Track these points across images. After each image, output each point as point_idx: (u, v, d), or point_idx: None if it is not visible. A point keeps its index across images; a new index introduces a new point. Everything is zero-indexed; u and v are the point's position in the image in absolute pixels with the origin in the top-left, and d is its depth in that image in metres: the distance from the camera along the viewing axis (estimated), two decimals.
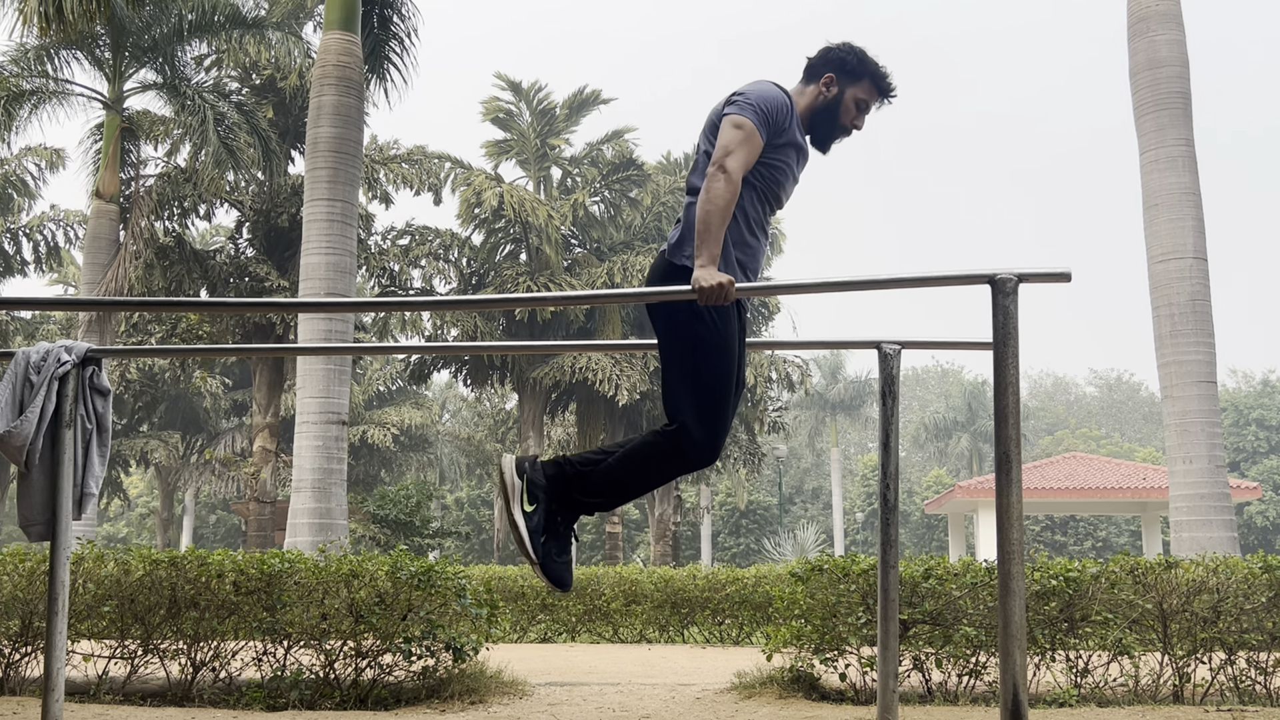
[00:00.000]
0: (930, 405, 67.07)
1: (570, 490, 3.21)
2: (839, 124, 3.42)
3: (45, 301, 3.76)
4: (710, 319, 3.18)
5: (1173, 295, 12.43)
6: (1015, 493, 2.88)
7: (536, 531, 3.16)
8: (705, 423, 3.16)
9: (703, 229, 3.10)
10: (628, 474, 3.20)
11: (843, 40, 3.46)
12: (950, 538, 30.88)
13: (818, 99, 3.41)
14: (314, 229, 13.08)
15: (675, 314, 3.20)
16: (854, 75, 3.39)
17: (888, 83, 3.42)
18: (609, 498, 3.23)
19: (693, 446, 3.16)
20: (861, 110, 3.43)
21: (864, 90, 3.40)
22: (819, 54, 3.45)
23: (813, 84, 3.43)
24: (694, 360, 3.18)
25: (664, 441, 3.18)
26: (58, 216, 26.58)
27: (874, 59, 3.41)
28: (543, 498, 3.19)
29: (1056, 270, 3.01)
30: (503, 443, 41.14)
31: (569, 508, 3.23)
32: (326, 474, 12.55)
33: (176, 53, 19.44)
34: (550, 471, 3.22)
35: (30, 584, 5.39)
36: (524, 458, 3.26)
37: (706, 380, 3.17)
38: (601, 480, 3.21)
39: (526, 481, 3.19)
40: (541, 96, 28.10)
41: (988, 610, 5.20)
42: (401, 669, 5.20)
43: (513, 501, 3.16)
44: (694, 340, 3.18)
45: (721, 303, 3.04)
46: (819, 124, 3.43)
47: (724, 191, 3.11)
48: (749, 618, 10.80)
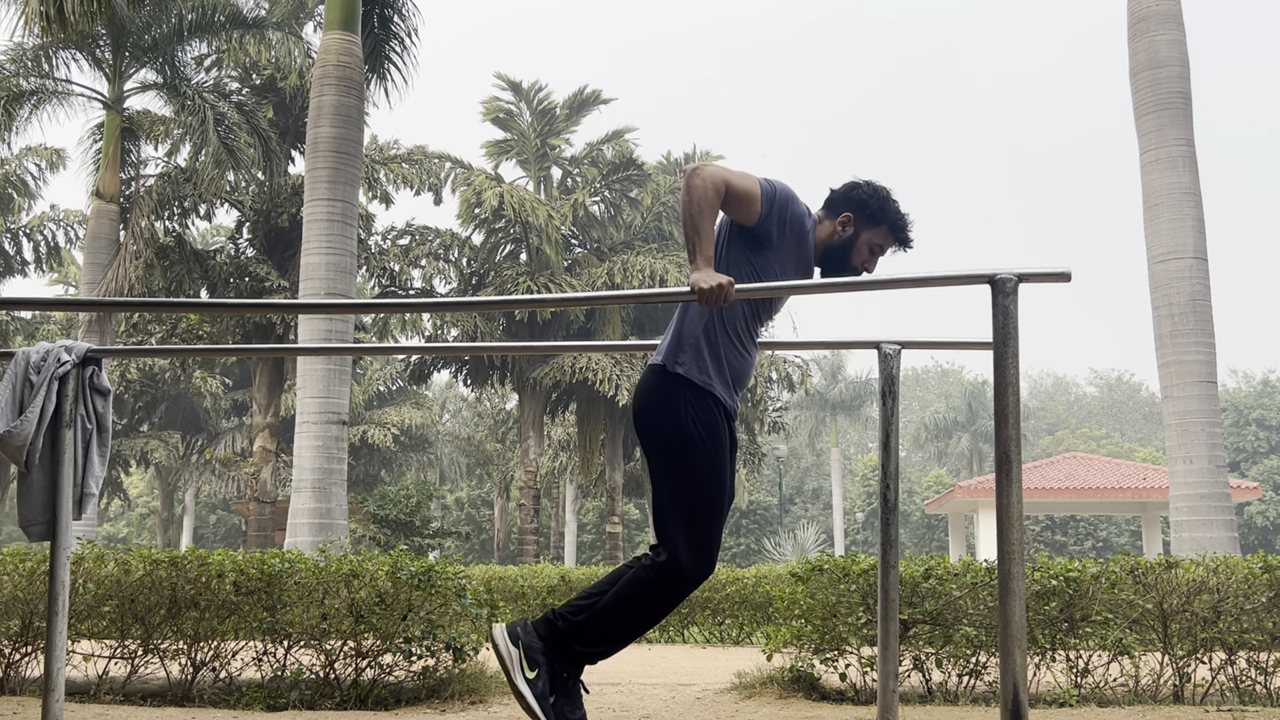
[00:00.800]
0: (930, 405, 67.07)
1: (570, 645, 3.11)
2: (849, 264, 3.37)
3: (45, 301, 3.75)
4: (702, 440, 3.11)
5: (1173, 295, 12.43)
6: (1015, 493, 2.88)
7: (544, 697, 3.05)
8: (697, 549, 3.08)
9: (691, 231, 3.05)
10: (625, 615, 3.10)
11: (869, 180, 3.40)
12: (950, 538, 30.88)
13: (833, 236, 3.36)
14: (314, 229, 13.08)
15: (667, 439, 3.13)
16: (873, 220, 3.34)
17: (906, 234, 3.38)
18: (612, 643, 3.13)
19: (686, 575, 3.08)
20: (874, 254, 3.38)
21: (879, 236, 3.36)
22: (842, 190, 3.39)
23: (830, 219, 3.38)
24: (687, 487, 3.10)
25: (654, 574, 3.08)
26: (58, 216, 26.59)
27: (895, 206, 3.36)
28: (543, 660, 3.08)
29: (1056, 270, 3.01)
30: (503, 443, 41.16)
31: (573, 662, 3.13)
32: (326, 474, 12.56)
33: (176, 53, 19.44)
34: (543, 631, 3.12)
35: (30, 584, 5.39)
36: (514, 624, 3.15)
37: (699, 507, 3.09)
38: (597, 629, 3.11)
39: (523, 648, 3.08)
40: (542, 96, 28.10)
41: (988, 610, 5.20)
42: (402, 669, 5.20)
43: (514, 672, 3.05)
44: (686, 465, 3.11)
45: (722, 303, 3.02)
46: (829, 260, 3.38)
47: (699, 187, 3.04)
48: (749, 618, 10.80)
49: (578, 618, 3.11)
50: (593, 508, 46.94)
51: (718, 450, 3.14)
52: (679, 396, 3.15)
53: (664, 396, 3.17)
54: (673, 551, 3.07)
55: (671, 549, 3.08)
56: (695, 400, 3.15)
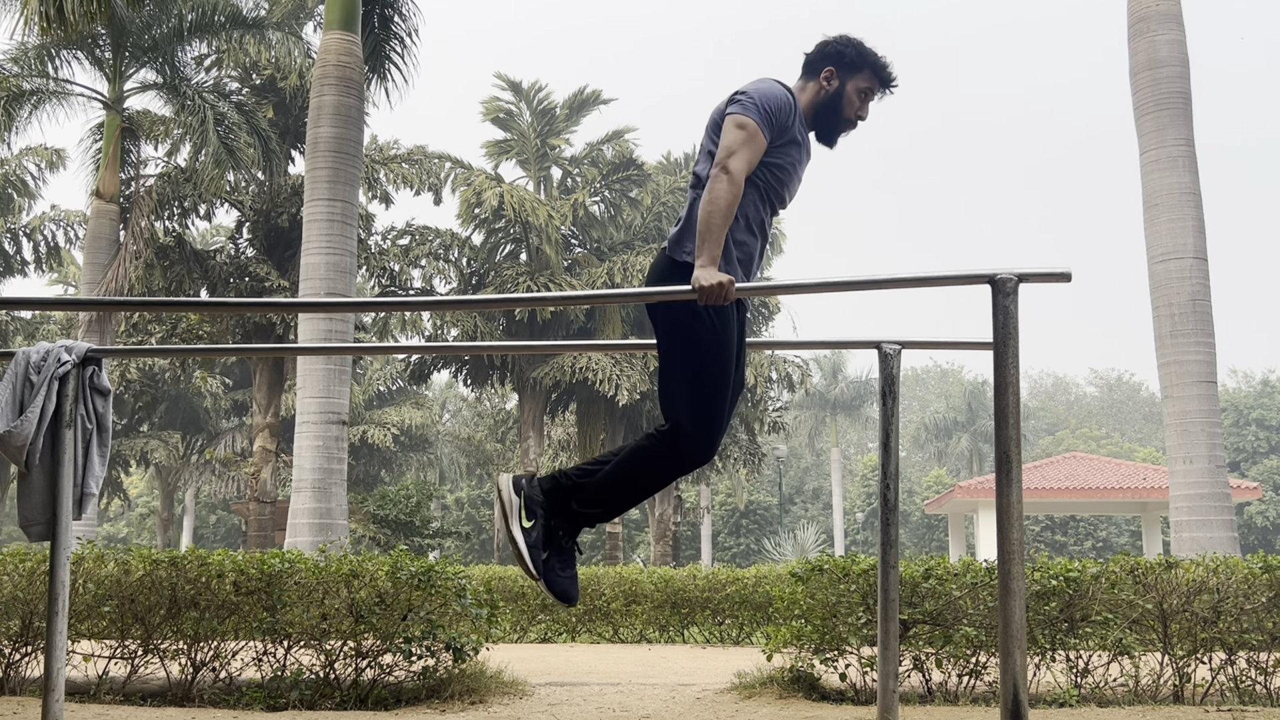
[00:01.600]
0: (930, 405, 67.08)
1: (569, 502, 3.18)
2: (843, 117, 3.41)
3: (45, 301, 3.76)
4: (709, 319, 3.17)
5: (1173, 295, 12.43)
6: (1015, 493, 2.88)
7: (536, 547, 3.13)
8: (701, 422, 3.14)
9: (704, 229, 3.09)
10: (624, 479, 3.18)
11: (839, 33, 3.45)
12: (950, 538, 30.88)
13: (819, 94, 3.40)
14: (314, 229, 13.08)
15: (675, 312, 3.20)
16: (853, 66, 3.39)
17: (888, 72, 3.41)
18: (608, 506, 3.20)
19: (688, 446, 3.14)
20: (864, 100, 3.42)
21: (865, 80, 3.40)
22: (816, 49, 3.44)
23: (813, 80, 3.42)
24: (691, 359, 3.16)
25: (659, 444, 3.16)
26: (58, 216, 26.59)
27: (872, 49, 3.41)
28: (541, 513, 3.16)
29: (1056, 270, 3.01)
30: (503, 443, 41.14)
31: (569, 521, 3.20)
32: (326, 474, 12.56)
33: (176, 53, 19.44)
34: (547, 486, 3.20)
35: (30, 584, 5.39)
36: (520, 475, 3.23)
37: (703, 380, 3.16)
38: (598, 488, 3.18)
39: (524, 498, 3.16)
40: (542, 96, 28.10)
41: (988, 610, 5.20)
42: (401, 669, 5.20)
43: (511, 519, 3.12)
44: (692, 339, 3.17)
45: (722, 303, 3.04)
46: (822, 119, 3.42)
47: (726, 193, 3.10)
48: (749, 618, 10.80)
49: (581, 478, 3.19)
50: None
51: (725, 330, 3.20)
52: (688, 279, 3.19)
53: (674, 279, 3.23)
54: (676, 422, 3.14)
55: (675, 420, 3.15)
56: None
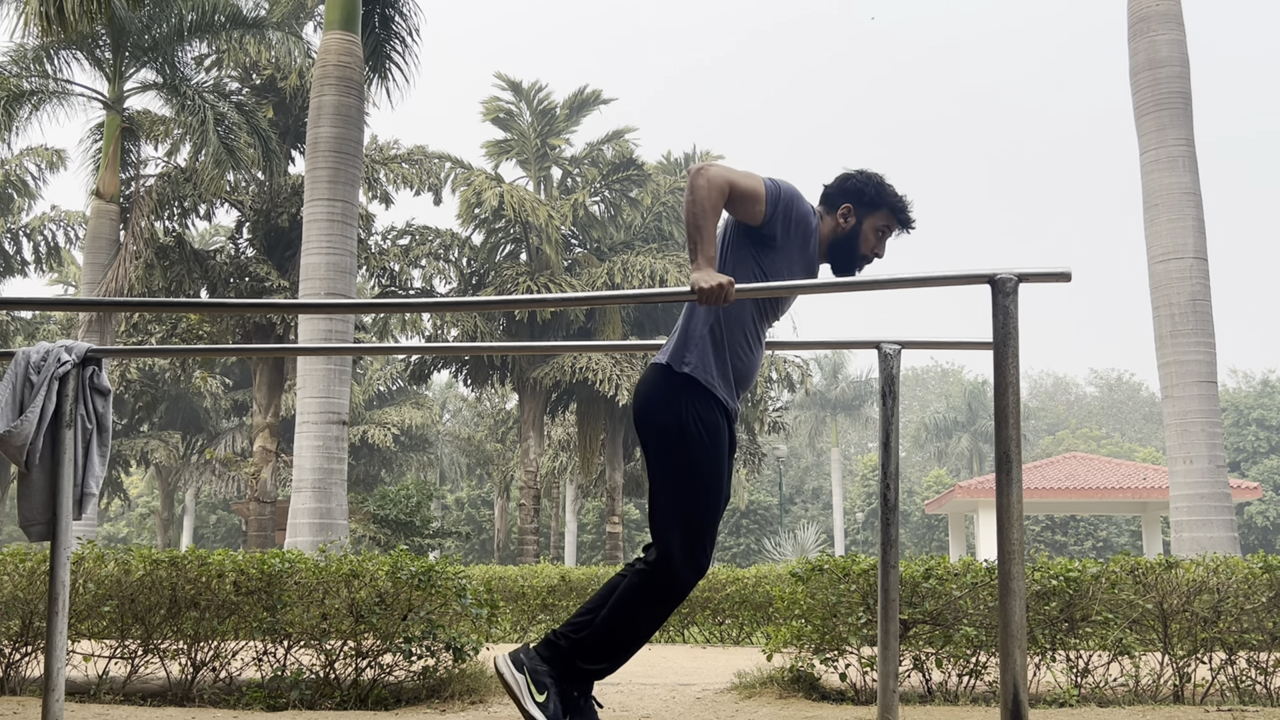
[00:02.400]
0: (930, 405, 67.07)
1: (574, 663, 3.11)
2: (859, 254, 3.38)
3: (45, 301, 3.75)
4: (702, 440, 3.11)
5: (1173, 295, 12.43)
6: (1015, 493, 2.88)
7: (558, 718, 3.04)
8: (693, 548, 3.08)
9: (693, 230, 3.04)
10: (623, 626, 3.10)
11: (860, 169, 3.41)
12: (950, 538, 30.87)
13: (836, 230, 3.37)
14: (314, 229, 13.08)
15: (667, 437, 3.12)
16: (871, 205, 3.35)
17: (907, 214, 3.39)
18: (615, 657, 3.13)
19: (681, 575, 3.08)
20: (880, 239, 3.39)
21: (882, 219, 3.37)
22: (836, 183, 3.40)
23: (830, 213, 3.39)
24: (685, 485, 3.10)
25: (650, 577, 3.09)
26: (58, 217, 26.60)
27: (891, 188, 3.37)
28: (550, 683, 3.08)
29: (1056, 270, 3.01)
30: (503, 443, 41.14)
31: (582, 680, 3.12)
32: (327, 474, 12.56)
33: (176, 53, 19.44)
34: (547, 654, 3.12)
35: (30, 584, 5.39)
36: (515, 651, 3.15)
37: (696, 507, 3.09)
38: (600, 643, 3.10)
39: (528, 673, 3.08)
40: (542, 96, 28.10)
41: (988, 610, 5.20)
42: (402, 669, 5.20)
43: (523, 699, 3.03)
44: (685, 465, 3.10)
45: (722, 303, 3.01)
46: (839, 254, 3.38)
47: (704, 187, 3.04)
48: (749, 618, 10.80)
49: (579, 635, 3.11)
50: (593, 508, 46.95)
51: (718, 451, 3.14)
52: (681, 395, 3.14)
53: (666, 395, 3.16)
54: (666, 551, 3.07)
55: (665, 548, 3.08)
56: (698, 400, 3.15)
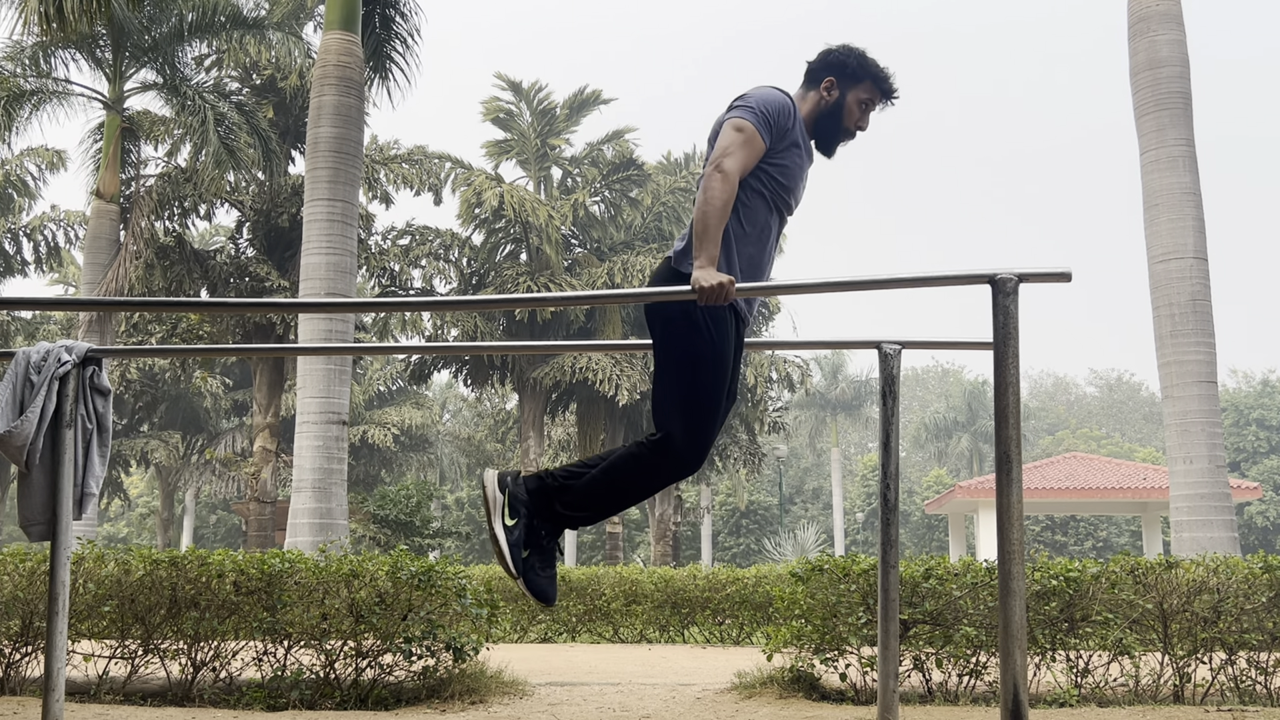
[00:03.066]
0: (930, 405, 67.04)
1: (553, 503, 3.18)
2: (842, 127, 3.41)
3: (45, 301, 3.76)
4: (708, 332, 3.16)
5: (1173, 295, 12.43)
6: (1015, 493, 2.88)
7: (517, 545, 3.12)
8: (691, 435, 3.15)
9: (701, 229, 3.08)
10: (611, 485, 3.17)
11: (841, 43, 3.44)
12: (950, 538, 30.87)
13: (820, 104, 3.40)
14: (314, 229, 13.08)
15: (673, 324, 3.19)
16: (854, 77, 3.39)
17: (889, 84, 3.41)
18: (592, 510, 3.20)
19: (676, 458, 3.15)
20: (864, 111, 3.42)
21: (866, 91, 3.40)
22: (818, 58, 3.44)
23: (813, 89, 3.42)
24: (687, 372, 3.16)
25: (647, 453, 3.16)
26: (58, 217, 26.59)
27: (874, 60, 3.40)
28: (524, 512, 3.16)
29: (1057, 270, 3.01)
30: (503, 443, 41.13)
31: (552, 521, 3.19)
32: (327, 474, 12.56)
33: (177, 53, 19.44)
34: (532, 485, 3.19)
35: (31, 584, 5.39)
36: (506, 472, 3.23)
37: (698, 393, 3.16)
38: (584, 492, 3.17)
39: (508, 495, 3.16)
40: (542, 96, 28.10)
41: (988, 610, 5.20)
42: (402, 669, 5.20)
43: (494, 515, 3.13)
44: (689, 352, 3.17)
45: (721, 303, 3.03)
46: (823, 128, 3.41)
47: (720, 191, 3.09)
48: (749, 618, 10.80)
49: (568, 480, 3.19)
50: None
51: (723, 344, 3.20)
52: None
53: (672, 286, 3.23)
54: (667, 431, 3.15)
55: (666, 430, 3.15)
56: None
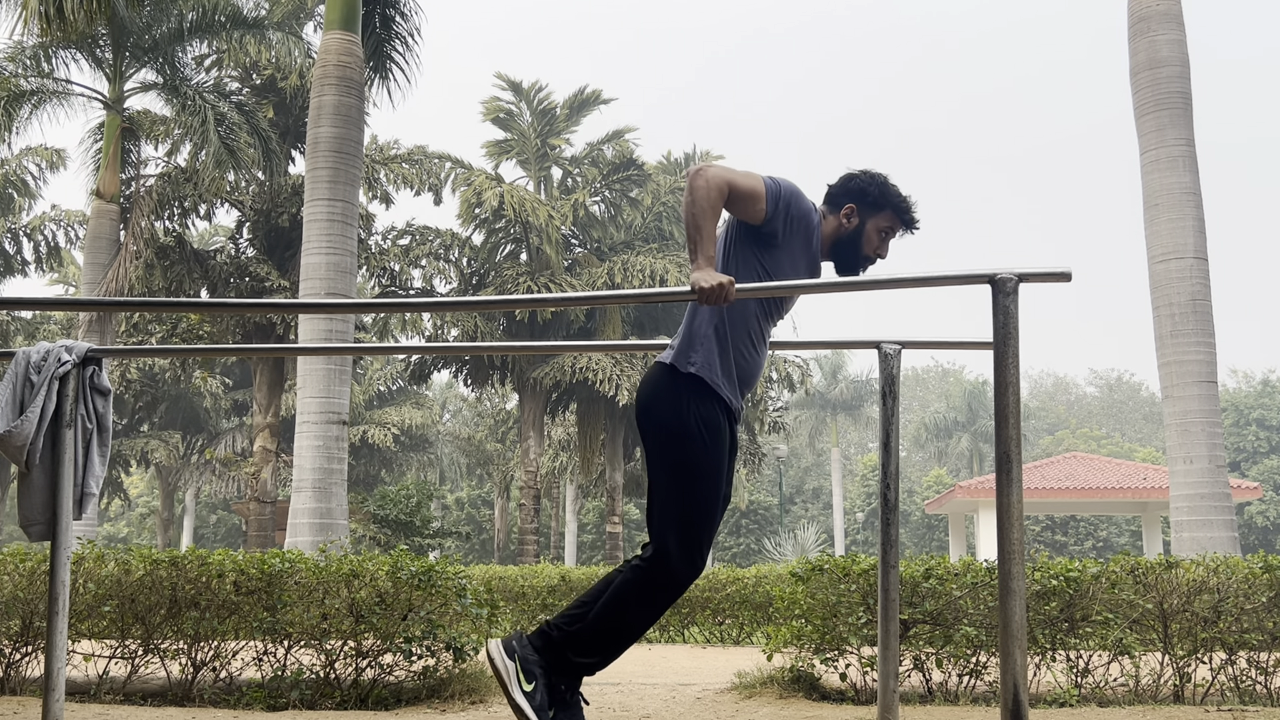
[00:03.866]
0: (930, 405, 67.05)
1: (566, 655, 3.11)
2: (861, 254, 3.38)
3: (45, 301, 3.75)
4: (702, 439, 3.11)
5: (1173, 295, 12.43)
6: (1015, 493, 2.88)
7: (542, 709, 3.06)
8: (688, 547, 3.08)
9: (692, 230, 3.05)
10: (615, 622, 3.10)
11: (864, 169, 3.41)
12: (950, 538, 30.87)
13: (840, 230, 3.36)
14: (314, 229, 13.08)
15: (666, 432, 3.14)
16: (875, 206, 3.35)
17: (911, 215, 3.38)
18: (605, 652, 3.13)
19: (675, 573, 3.08)
20: (884, 239, 3.39)
21: (886, 220, 3.36)
22: (839, 182, 3.40)
23: (834, 213, 3.38)
24: (684, 484, 3.11)
25: (645, 573, 3.09)
26: (58, 216, 26.60)
27: (895, 189, 3.37)
28: (539, 673, 3.09)
29: (1057, 270, 3.01)
30: (503, 443, 41.14)
31: (569, 674, 3.13)
32: (327, 474, 12.56)
33: (177, 53, 19.44)
34: (539, 644, 3.13)
35: (31, 584, 5.39)
36: (509, 637, 3.16)
37: (694, 505, 3.10)
38: (591, 637, 3.11)
39: (519, 661, 3.09)
40: (542, 96, 28.11)
41: (988, 610, 5.19)
42: (402, 669, 5.20)
43: (510, 686, 3.05)
44: (685, 463, 3.11)
45: (722, 303, 3.01)
46: (842, 254, 3.38)
47: (703, 186, 3.04)
48: (749, 618, 10.80)
49: (572, 627, 3.12)
50: (593, 508, 46.94)
51: (718, 450, 3.15)
52: (685, 395, 3.15)
53: (669, 393, 3.17)
54: (662, 548, 3.08)
55: (661, 546, 3.09)
56: (701, 400, 3.16)
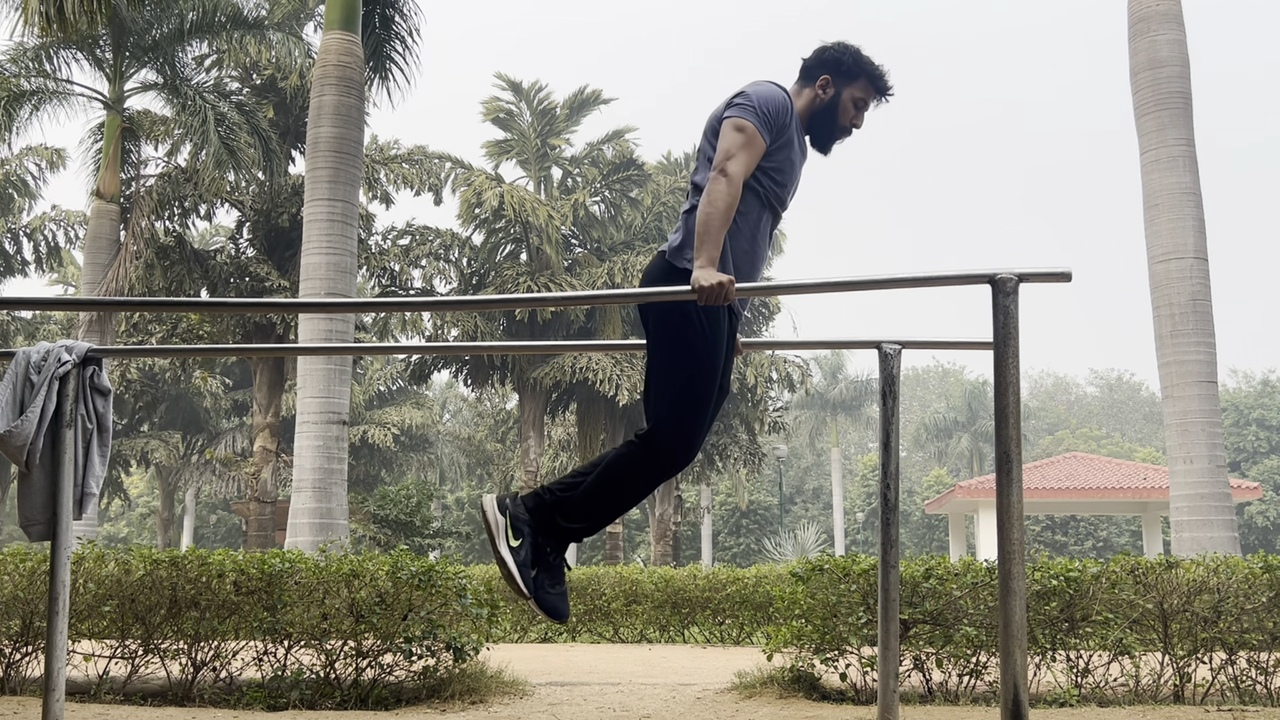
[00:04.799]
0: (930, 405, 67.05)
1: (554, 518, 3.19)
2: (838, 124, 3.41)
3: (46, 301, 3.76)
4: (701, 324, 3.17)
5: (1173, 295, 12.43)
6: (1015, 493, 2.88)
7: (525, 565, 3.13)
8: (682, 425, 3.15)
9: (703, 231, 3.09)
10: (607, 489, 3.18)
11: (837, 40, 3.43)
12: (950, 538, 30.87)
13: (815, 101, 3.39)
14: (314, 229, 13.08)
15: (667, 316, 3.19)
16: (850, 75, 3.37)
17: (884, 81, 3.40)
18: (593, 519, 3.20)
19: (668, 450, 3.15)
20: (860, 109, 3.41)
21: (861, 89, 3.38)
22: (813, 55, 3.43)
23: (809, 86, 3.41)
24: (679, 362, 3.17)
25: (639, 448, 3.17)
26: (58, 216, 26.60)
27: (869, 58, 3.39)
28: (528, 531, 3.17)
29: (1057, 270, 3.01)
30: (503, 443, 41.13)
31: (556, 537, 3.20)
32: (327, 474, 12.56)
33: (177, 53, 19.44)
34: (531, 504, 3.20)
35: (31, 584, 5.39)
36: (504, 495, 3.24)
37: (690, 385, 3.16)
38: (582, 501, 3.18)
39: (509, 517, 3.17)
40: (542, 97, 28.11)
41: (988, 610, 5.20)
42: (402, 669, 5.20)
43: (498, 539, 3.14)
44: (682, 343, 3.18)
45: (721, 303, 3.03)
46: (818, 126, 3.41)
47: (725, 194, 3.11)
48: (749, 618, 10.80)
49: (565, 493, 3.20)
50: None
51: (715, 337, 3.20)
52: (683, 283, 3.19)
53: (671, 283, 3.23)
54: (656, 425, 3.17)
55: (657, 422, 3.17)
56: None
